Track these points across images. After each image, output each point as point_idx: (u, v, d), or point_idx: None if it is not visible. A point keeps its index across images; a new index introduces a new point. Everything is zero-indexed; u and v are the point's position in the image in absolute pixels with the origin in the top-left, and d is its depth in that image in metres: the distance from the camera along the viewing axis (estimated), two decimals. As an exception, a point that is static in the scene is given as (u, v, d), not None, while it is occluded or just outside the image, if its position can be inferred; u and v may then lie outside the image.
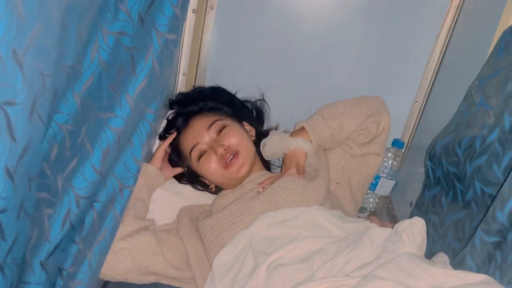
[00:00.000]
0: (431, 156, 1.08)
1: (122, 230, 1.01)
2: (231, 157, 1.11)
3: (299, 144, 1.14)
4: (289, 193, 1.05)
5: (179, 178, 1.28)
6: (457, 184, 0.98)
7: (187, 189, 1.28)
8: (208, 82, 1.41)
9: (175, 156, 1.23)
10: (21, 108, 0.56)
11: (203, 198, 1.27)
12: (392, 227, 0.92)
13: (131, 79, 0.87)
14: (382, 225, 1.09)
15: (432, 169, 1.08)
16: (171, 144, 1.22)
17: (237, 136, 1.15)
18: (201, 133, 1.15)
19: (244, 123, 1.27)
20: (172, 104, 1.30)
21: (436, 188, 1.06)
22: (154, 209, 1.19)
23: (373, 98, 1.22)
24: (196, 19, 1.34)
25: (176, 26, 0.90)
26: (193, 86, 1.42)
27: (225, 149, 1.11)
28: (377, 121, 1.19)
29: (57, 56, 0.64)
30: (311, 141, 1.15)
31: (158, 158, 1.20)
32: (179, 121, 1.23)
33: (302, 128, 1.16)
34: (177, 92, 1.42)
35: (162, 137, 1.26)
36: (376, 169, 1.25)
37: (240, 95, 1.35)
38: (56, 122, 0.82)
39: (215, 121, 1.15)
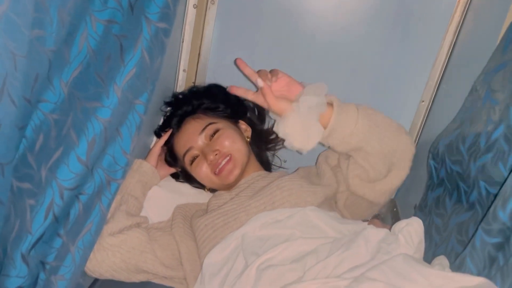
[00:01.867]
0: (434, 154, 1.03)
1: (112, 226, 0.99)
2: (223, 162, 1.09)
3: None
4: (285, 194, 1.02)
5: (175, 176, 1.26)
6: (461, 184, 0.93)
7: (183, 187, 1.26)
8: (208, 79, 1.39)
9: (170, 157, 1.21)
10: (-12, 88, 0.54)
11: (200, 196, 1.25)
12: (390, 229, 0.88)
13: (119, 68, 0.84)
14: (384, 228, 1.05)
15: (435, 168, 1.03)
16: (166, 145, 1.20)
17: (229, 139, 1.12)
18: (193, 138, 1.13)
19: (241, 122, 1.24)
20: (166, 105, 1.28)
21: (439, 189, 1.01)
22: (150, 207, 1.17)
23: (409, 140, 1.06)
24: (197, 14, 1.32)
25: (168, 14, 0.88)
26: (193, 82, 1.40)
27: (216, 154, 1.09)
28: (390, 166, 1.04)
29: (33, 38, 0.62)
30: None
31: (153, 156, 1.18)
32: (173, 123, 1.21)
33: (329, 106, 1.01)
34: (177, 88, 1.40)
35: (158, 134, 1.24)
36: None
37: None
38: (42, 111, 0.80)
39: (207, 125, 1.13)
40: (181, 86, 1.41)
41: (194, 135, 1.13)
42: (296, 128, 0.99)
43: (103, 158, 0.89)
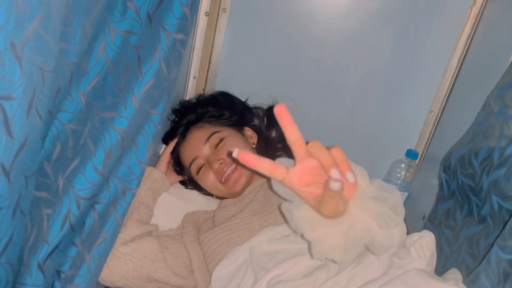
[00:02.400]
0: (446, 167, 1.04)
1: (124, 235, 0.99)
2: (228, 171, 1.09)
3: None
4: None
5: (184, 183, 1.26)
6: (472, 197, 0.94)
7: (193, 194, 1.26)
8: (218, 86, 1.39)
9: (177, 166, 1.21)
10: (19, 103, 0.54)
11: (209, 203, 1.25)
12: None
13: (137, 78, 0.85)
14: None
15: (446, 181, 1.04)
16: (172, 153, 1.21)
17: (234, 147, 1.10)
18: (198, 147, 1.13)
19: (246, 128, 1.24)
20: (173, 113, 1.28)
21: (450, 201, 1.02)
22: (159, 214, 1.17)
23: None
24: (208, 22, 1.33)
25: (185, 26, 0.88)
26: (203, 90, 1.40)
27: (221, 163, 1.09)
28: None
29: (58, 52, 0.62)
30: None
31: (163, 162, 1.18)
32: (178, 132, 1.20)
33: None
34: (187, 95, 1.40)
35: (166, 142, 1.25)
36: None
37: (251, 101, 1.32)
38: (60, 121, 0.81)
39: (212, 134, 1.12)
40: (191, 93, 1.41)
41: (199, 144, 1.12)
42: None
43: (119, 168, 0.89)
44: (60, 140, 0.81)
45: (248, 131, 1.24)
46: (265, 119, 1.30)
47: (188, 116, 1.20)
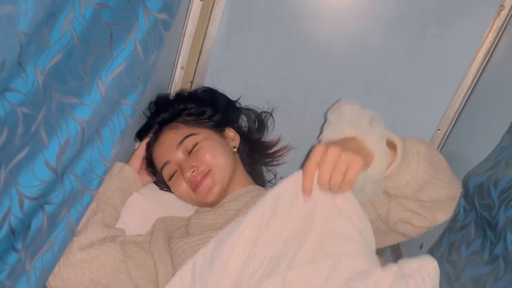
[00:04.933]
0: (465, 194, 0.91)
1: (83, 238, 0.88)
2: (198, 177, 0.99)
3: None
4: None
5: (159, 184, 1.14)
6: (488, 232, 0.82)
7: (168, 197, 1.13)
8: (208, 78, 1.28)
9: (149, 167, 1.10)
10: None
11: (185, 209, 1.12)
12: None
13: (106, 61, 0.73)
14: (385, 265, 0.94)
15: (465, 210, 0.91)
16: (147, 150, 1.09)
17: (210, 153, 1.01)
18: (171, 151, 1.03)
19: (228, 129, 1.13)
20: (148, 109, 1.16)
21: (459, 233, 0.90)
22: (128, 216, 1.06)
23: (460, 186, 0.91)
24: (203, 8, 1.21)
25: (170, 5, 0.76)
26: (191, 82, 1.28)
27: (193, 171, 0.99)
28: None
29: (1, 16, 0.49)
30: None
31: (137, 158, 1.07)
32: (151, 131, 1.10)
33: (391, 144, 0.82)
34: (172, 86, 1.28)
35: (139, 138, 1.12)
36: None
37: (244, 99, 1.22)
38: (9, 102, 0.67)
39: (186, 137, 1.02)
40: (178, 84, 1.29)
41: (171, 148, 1.03)
42: None
43: (78, 163, 0.76)
44: (7, 124, 0.68)
45: (230, 132, 1.13)
46: (257, 122, 1.19)
47: (162, 113, 1.09)
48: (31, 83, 0.69)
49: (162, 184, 1.12)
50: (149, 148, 1.08)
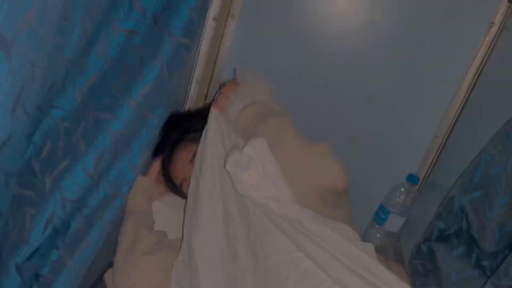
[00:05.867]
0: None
1: (144, 245, 0.96)
2: None
3: None
4: None
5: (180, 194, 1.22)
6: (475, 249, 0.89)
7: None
8: (221, 93, 1.36)
9: (169, 183, 1.16)
10: (4, 99, 0.51)
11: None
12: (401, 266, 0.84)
13: (136, 81, 0.82)
14: (387, 264, 1.01)
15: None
16: (163, 170, 1.15)
17: None
18: (184, 167, 1.08)
19: None
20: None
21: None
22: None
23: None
24: (216, 27, 1.30)
25: (192, 30, 0.86)
26: (205, 95, 1.37)
27: None
28: None
29: (53, 47, 0.59)
30: None
31: (153, 171, 1.13)
32: (165, 151, 1.14)
33: None
34: (188, 99, 1.37)
35: (154, 155, 1.17)
36: None
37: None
38: (52, 118, 0.77)
39: (196, 153, 1.07)
40: (193, 96, 1.38)
41: (185, 165, 1.08)
42: None
43: (111, 172, 0.86)
44: (51, 138, 0.77)
45: None
46: None
47: (172, 134, 1.14)
48: (71, 101, 0.78)
49: (183, 195, 1.20)
50: (165, 165, 1.13)
